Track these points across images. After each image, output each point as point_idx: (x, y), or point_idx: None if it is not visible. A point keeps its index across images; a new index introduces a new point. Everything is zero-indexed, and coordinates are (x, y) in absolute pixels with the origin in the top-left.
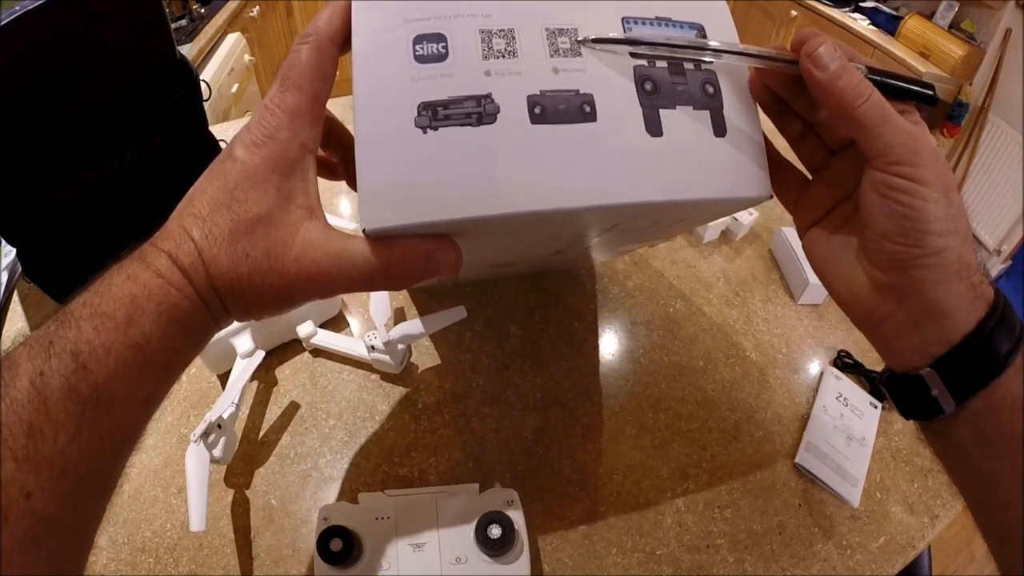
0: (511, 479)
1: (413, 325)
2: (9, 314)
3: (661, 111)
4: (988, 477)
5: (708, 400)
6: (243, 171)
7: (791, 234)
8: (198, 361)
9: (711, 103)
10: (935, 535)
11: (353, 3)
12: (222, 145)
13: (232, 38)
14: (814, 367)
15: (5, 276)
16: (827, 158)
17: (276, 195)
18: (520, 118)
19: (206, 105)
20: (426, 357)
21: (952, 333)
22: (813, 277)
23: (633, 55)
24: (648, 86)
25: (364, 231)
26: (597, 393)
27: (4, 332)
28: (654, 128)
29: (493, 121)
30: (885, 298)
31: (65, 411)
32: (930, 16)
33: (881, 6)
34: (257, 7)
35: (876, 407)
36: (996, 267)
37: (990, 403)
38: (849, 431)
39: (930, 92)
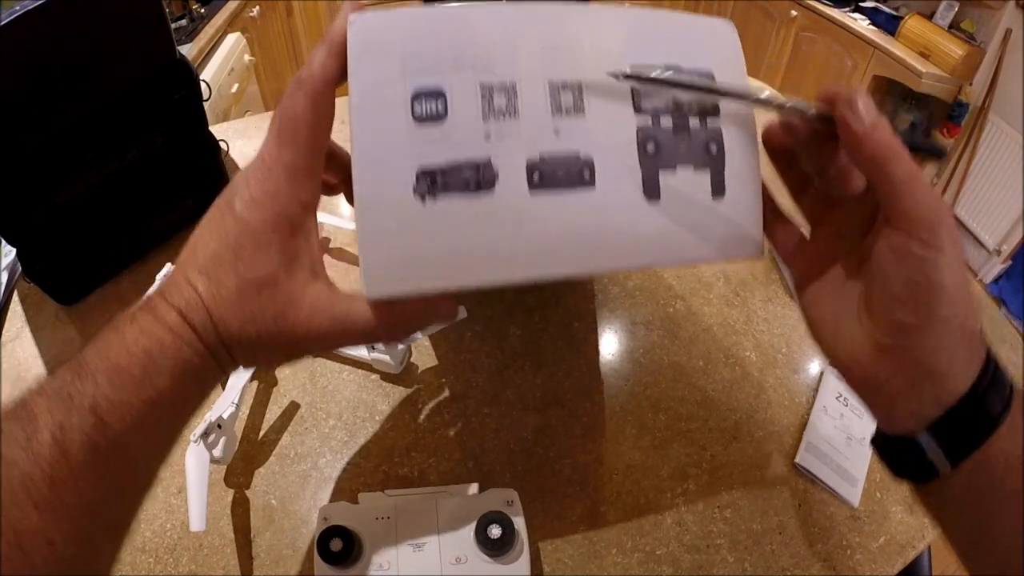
0: (511, 479)
1: None
2: (9, 314)
3: (661, 172)
4: (981, 528)
5: (708, 400)
6: (245, 230)
7: None
8: None
9: (713, 162)
10: (935, 535)
11: (349, 46)
12: (222, 145)
13: (232, 38)
14: (814, 367)
15: (5, 276)
16: (829, 211)
17: (280, 256)
18: (518, 185)
19: (206, 105)
20: (426, 357)
21: (949, 395)
22: None
23: (638, 111)
24: (650, 146)
25: (367, 297)
26: (597, 393)
27: (4, 332)
28: (652, 191)
29: (491, 188)
30: (885, 361)
31: (86, 464)
32: (930, 16)
33: (881, 6)
34: (257, 7)
35: None
36: (996, 267)
37: (984, 460)
38: (849, 431)
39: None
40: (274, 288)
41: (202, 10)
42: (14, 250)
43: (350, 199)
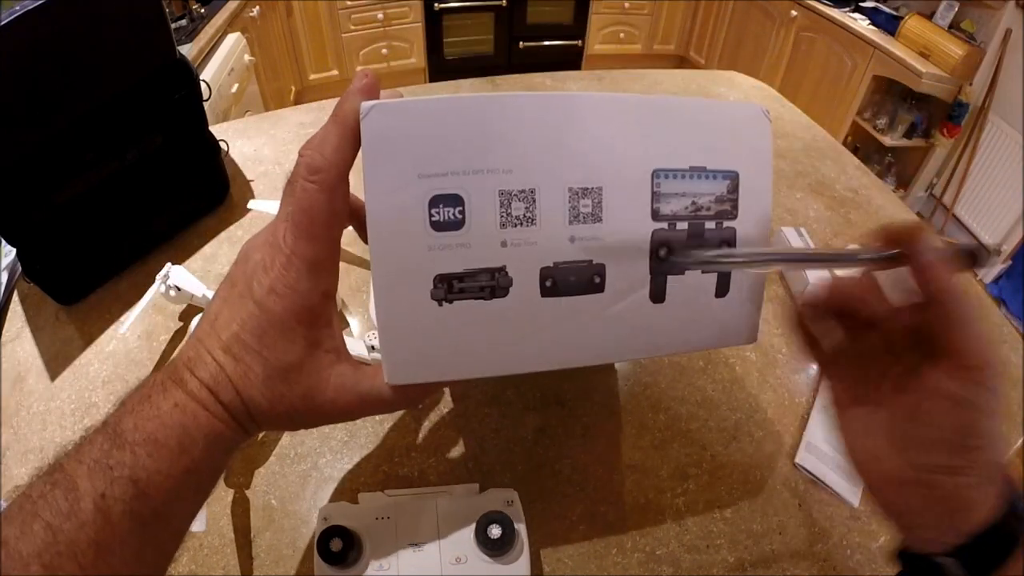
0: (511, 479)
1: None
2: (9, 314)
3: (669, 277)
4: None
5: (708, 400)
6: (269, 319)
7: (791, 234)
8: None
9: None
10: None
11: (363, 141)
12: (222, 145)
13: (232, 38)
14: (814, 367)
15: (5, 276)
16: (847, 361)
17: (304, 343)
18: (531, 291)
19: (206, 105)
20: None
21: (973, 526)
22: (812, 277)
23: (655, 218)
24: (663, 252)
25: (388, 383)
26: (597, 393)
27: (4, 332)
28: (658, 295)
29: (505, 295)
30: (915, 493)
31: (129, 531)
32: (930, 16)
33: (881, 6)
34: (257, 7)
35: None
36: (996, 267)
37: None
38: None
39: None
40: (300, 373)
41: (202, 10)
42: (14, 250)
43: (364, 239)
